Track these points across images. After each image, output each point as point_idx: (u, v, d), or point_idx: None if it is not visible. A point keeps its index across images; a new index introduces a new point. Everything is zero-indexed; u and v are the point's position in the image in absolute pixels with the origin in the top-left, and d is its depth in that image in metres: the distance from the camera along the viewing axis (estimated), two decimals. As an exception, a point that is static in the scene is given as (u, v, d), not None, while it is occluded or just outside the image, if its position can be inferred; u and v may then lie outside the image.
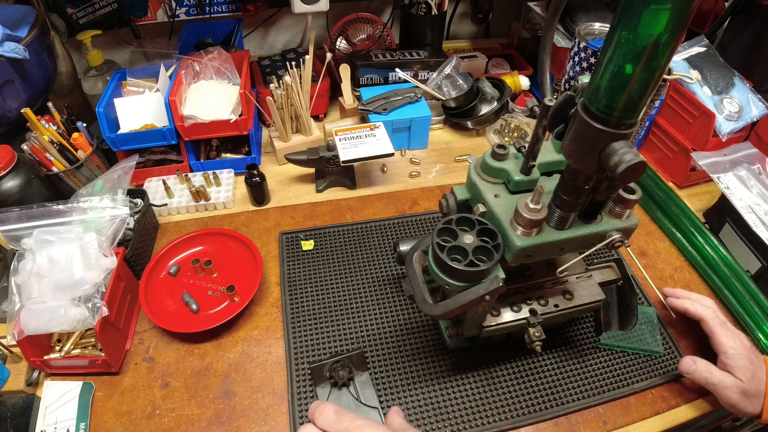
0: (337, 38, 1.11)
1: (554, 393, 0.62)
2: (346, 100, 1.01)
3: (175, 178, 0.87)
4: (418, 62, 1.03)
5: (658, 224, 0.85)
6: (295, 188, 0.90)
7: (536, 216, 0.45)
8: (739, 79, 0.87)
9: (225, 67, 0.89)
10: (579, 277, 0.61)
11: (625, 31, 0.33)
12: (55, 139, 0.78)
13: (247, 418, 0.59)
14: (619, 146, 0.37)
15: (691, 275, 0.77)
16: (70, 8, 0.92)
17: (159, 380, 0.62)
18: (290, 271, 0.75)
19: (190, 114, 0.82)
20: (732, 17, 0.97)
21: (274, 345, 0.66)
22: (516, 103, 1.08)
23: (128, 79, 0.90)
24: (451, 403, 0.61)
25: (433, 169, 0.95)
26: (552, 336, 0.67)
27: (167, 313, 0.67)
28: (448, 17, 1.28)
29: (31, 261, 0.59)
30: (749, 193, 0.78)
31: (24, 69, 0.77)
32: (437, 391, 0.62)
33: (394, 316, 0.69)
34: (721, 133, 0.83)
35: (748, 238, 0.75)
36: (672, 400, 0.62)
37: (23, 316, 0.56)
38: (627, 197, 0.47)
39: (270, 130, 0.93)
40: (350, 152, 0.82)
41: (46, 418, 0.58)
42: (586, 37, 0.90)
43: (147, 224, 0.77)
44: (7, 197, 0.69)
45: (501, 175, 0.52)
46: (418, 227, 0.83)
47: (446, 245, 0.48)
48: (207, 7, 1.09)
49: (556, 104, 0.44)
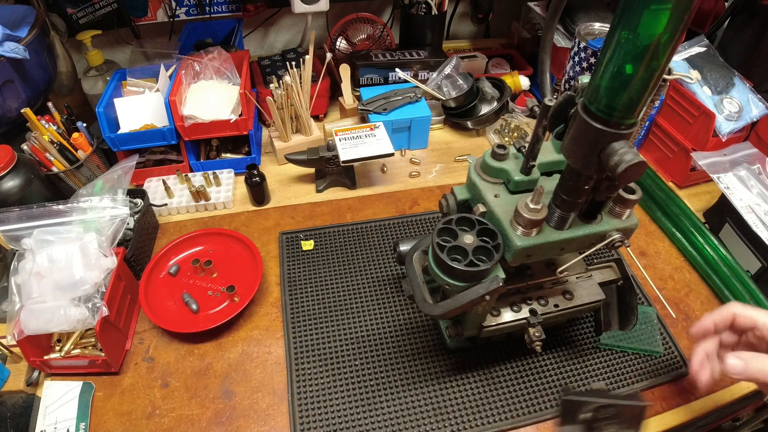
0: (337, 38, 1.11)
1: (554, 393, 0.62)
2: (346, 100, 1.01)
3: (175, 178, 0.87)
4: (418, 62, 1.03)
5: (658, 224, 0.85)
6: (295, 188, 0.90)
7: (536, 216, 0.45)
8: (739, 79, 0.87)
9: (225, 67, 0.89)
10: (579, 277, 0.61)
11: (625, 31, 0.33)
12: (55, 139, 0.78)
13: (247, 418, 0.59)
14: (619, 146, 0.37)
15: (691, 275, 0.77)
16: (70, 8, 0.92)
17: (159, 380, 0.62)
18: (290, 271, 0.75)
19: (190, 114, 0.82)
20: (732, 17, 0.97)
21: (274, 345, 0.66)
22: (516, 103, 1.08)
23: (128, 79, 0.90)
24: (451, 403, 0.61)
25: (433, 169, 0.95)
26: (552, 336, 0.67)
27: (167, 313, 0.67)
28: (448, 17, 1.28)
29: (31, 261, 0.59)
30: (749, 193, 0.78)
31: (24, 69, 0.77)
32: (437, 391, 0.62)
33: (394, 316, 0.69)
34: (721, 133, 0.83)
35: (748, 238, 0.75)
36: (672, 400, 0.62)
37: (23, 316, 0.56)
38: (627, 197, 0.47)
39: (270, 130, 0.93)
40: (350, 152, 0.82)
41: (46, 418, 0.58)
42: (586, 37, 0.90)
43: (147, 224, 0.77)
44: (7, 197, 0.69)
45: (501, 175, 0.52)
46: (418, 227, 0.83)
47: (446, 245, 0.48)
48: (207, 7, 1.09)
49: (556, 104, 0.44)
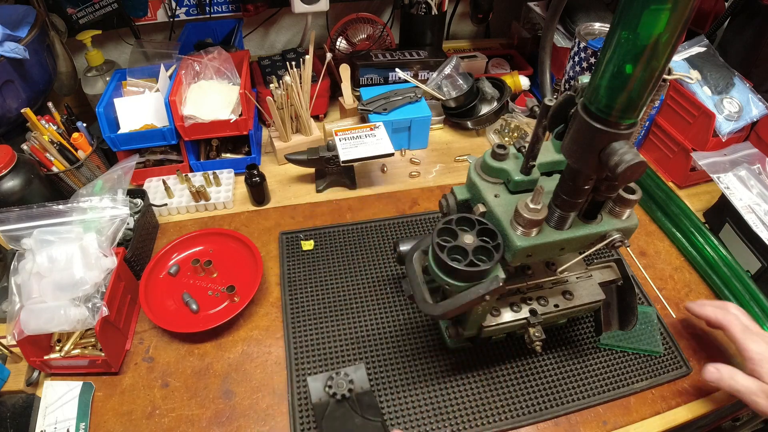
0: (337, 38, 1.11)
1: (554, 393, 0.62)
2: (346, 100, 1.01)
3: (175, 178, 0.87)
4: (418, 62, 1.03)
5: (658, 224, 0.85)
6: (295, 188, 0.90)
7: (536, 216, 0.45)
8: (739, 79, 0.87)
9: (225, 67, 0.89)
10: (579, 277, 0.61)
11: (625, 31, 0.33)
12: (55, 139, 0.78)
13: (247, 418, 0.59)
14: (619, 146, 0.37)
15: (691, 275, 0.77)
16: (70, 8, 0.91)
17: (159, 380, 0.62)
18: (290, 271, 0.75)
19: (190, 114, 0.82)
20: (732, 17, 0.97)
21: (274, 345, 0.66)
22: (516, 103, 1.08)
23: (128, 79, 0.90)
24: (451, 403, 0.61)
25: (433, 169, 0.95)
26: (552, 336, 0.67)
27: (167, 313, 0.67)
28: (448, 17, 1.28)
29: (31, 261, 0.59)
30: (749, 193, 0.78)
31: (24, 69, 0.77)
32: (437, 391, 0.62)
33: (394, 316, 0.69)
34: (721, 133, 0.83)
35: (748, 238, 0.75)
36: (672, 400, 0.62)
37: (23, 316, 0.56)
38: (627, 197, 0.47)
39: (270, 130, 0.93)
40: (350, 152, 0.82)
41: (46, 418, 0.58)
42: (586, 37, 0.90)
43: (147, 224, 0.77)
44: (7, 197, 0.69)
45: (501, 175, 0.52)
46: (418, 227, 0.83)
47: (446, 245, 0.48)
48: (207, 7, 1.09)
49: (556, 104, 0.44)
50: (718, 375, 0.57)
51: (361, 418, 0.54)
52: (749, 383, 0.55)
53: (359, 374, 0.57)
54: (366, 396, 0.56)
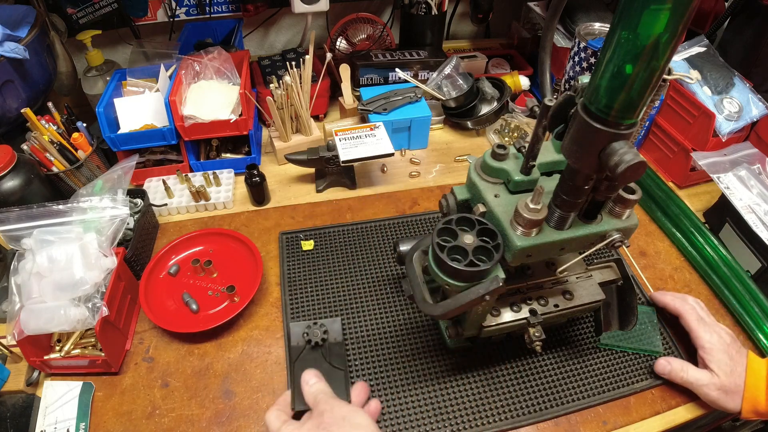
0: (337, 38, 1.11)
1: (554, 393, 0.62)
2: (346, 100, 1.01)
3: (175, 178, 0.87)
4: (418, 62, 1.03)
5: (658, 224, 0.85)
6: (295, 188, 0.90)
7: (536, 216, 0.45)
8: (739, 79, 0.87)
9: (225, 67, 0.89)
10: (579, 277, 0.61)
11: (625, 31, 0.33)
12: (55, 139, 0.78)
13: (247, 418, 0.59)
14: (619, 146, 0.37)
15: (691, 275, 0.77)
16: (70, 8, 0.91)
17: (159, 380, 0.62)
18: (290, 271, 0.75)
19: (190, 114, 0.82)
20: (732, 17, 0.97)
21: (274, 345, 0.66)
22: (516, 103, 1.08)
23: (128, 79, 0.90)
24: (451, 403, 0.61)
25: (433, 169, 0.95)
26: (552, 336, 0.67)
27: (167, 313, 0.67)
28: (448, 17, 1.28)
29: (31, 261, 0.59)
30: (749, 193, 0.78)
31: (24, 69, 0.77)
32: (437, 391, 0.62)
33: (394, 316, 0.69)
34: (721, 133, 0.83)
35: (748, 238, 0.75)
36: (672, 400, 0.62)
37: (23, 316, 0.56)
38: (627, 197, 0.47)
39: (270, 130, 0.93)
40: (350, 152, 0.82)
41: (46, 418, 0.58)
42: (586, 37, 0.90)
43: (147, 224, 0.77)
44: (7, 197, 0.69)
45: (501, 175, 0.52)
46: (418, 227, 0.83)
47: (446, 245, 0.48)
48: (207, 7, 1.09)
49: (556, 104, 0.44)
50: (669, 368, 0.61)
51: (329, 365, 0.60)
52: (699, 375, 0.58)
53: (335, 327, 0.64)
54: (337, 346, 0.62)
